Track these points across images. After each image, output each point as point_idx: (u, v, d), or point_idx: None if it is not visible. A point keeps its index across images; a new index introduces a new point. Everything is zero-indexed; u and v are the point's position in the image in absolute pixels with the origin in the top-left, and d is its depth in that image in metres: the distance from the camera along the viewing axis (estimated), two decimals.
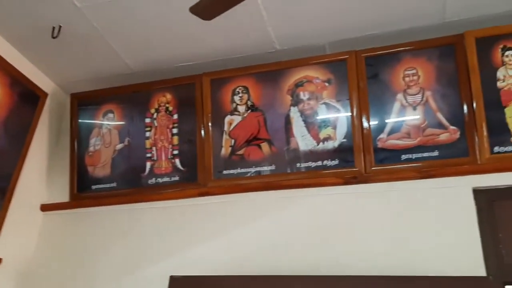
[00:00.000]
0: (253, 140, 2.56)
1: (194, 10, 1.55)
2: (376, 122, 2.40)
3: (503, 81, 2.25)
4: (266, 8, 2.38)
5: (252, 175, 2.53)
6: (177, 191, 2.63)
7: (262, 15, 2.42)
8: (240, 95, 2.64)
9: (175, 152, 2.69)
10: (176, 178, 2.66)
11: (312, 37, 2.59)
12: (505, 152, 2.19)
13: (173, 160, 2.69)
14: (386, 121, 2.38)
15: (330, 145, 2.44)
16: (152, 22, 2.50)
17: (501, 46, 2.28)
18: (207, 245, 2.53)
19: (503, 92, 2.24)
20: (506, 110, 2.22)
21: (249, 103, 2.62)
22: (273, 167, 2.50)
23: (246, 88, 2.65)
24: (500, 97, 2.24)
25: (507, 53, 2.27)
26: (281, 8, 2.40)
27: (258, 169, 2.53)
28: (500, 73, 2.26)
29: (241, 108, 2.63)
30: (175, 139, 2.71)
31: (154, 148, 2.73)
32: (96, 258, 2.69)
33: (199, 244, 2.54)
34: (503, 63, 2.27)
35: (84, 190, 2.82)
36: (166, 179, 2.67)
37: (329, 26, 2.50)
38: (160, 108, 2.77)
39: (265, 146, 2.54)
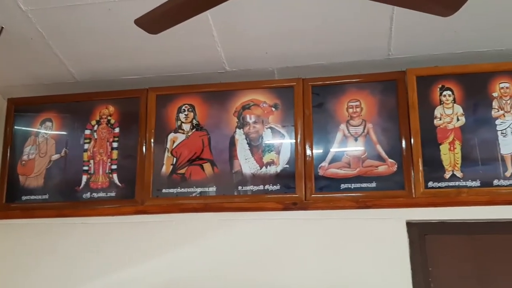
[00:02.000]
0: (196, 160, 2.52)
1: (139, 22, 1.52)
2: (318, 150, 2.43)
3: (440, 119, 2.35)
4: (218, 28, 2.38)
5: (193, 195, 2.48)
6: (112, 208, 2.54)
7: (213, 35, 2.42)
8: (186, 113, 2.61)
9: (114, 167, 2.60)
10: (113, 194, 2.56)
11: (262, 61, 2.60)
12: (439, 187, 2.27)
13: (110, 175, 2.59)
14: (328, 149, 2.42)
15: (273, 170, 2.44)
16: (101, 32, 2.43)
17: (440, 85, 2.39)
18: (140, 265, 2.45)
19: (439, 130, 2.34)
20: (441, 147, 2.31)
21: (194, 122, 2.59)
22: (214, 189, 2.47)
23: (192, 106, 2.61)
24: (436, 135, 2.33)
25: (444, 92, 2.38)
26: (232, 29, 2.40)
27: (199, 189, 2.48)
28: (437, 111, 2.36)
29: (186, 127, 2.59)
30: (115, 153, 2.62)
31: (91, 161, 2.63)
32: (22, 273, 2.54)
33: (132, 264, 2.46)
34: (441, 102, 2.37)
35: (14, 200, 2.67)
36: (102, 194, 2.57)
37: (279, 52, 2.52)
38: (102, 120, 2.69)
39: (207, 166, 2.51)
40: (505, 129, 2.28)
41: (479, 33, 2.32)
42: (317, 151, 2.43)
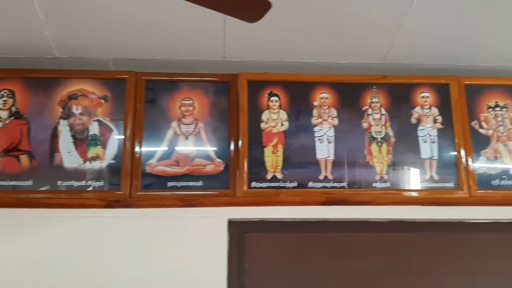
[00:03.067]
0: (12, 151, 2.30)
1: None
2: (147, 147, 2.38)
3: (266, 123, 2.46)
4: (44, 11, 2.19)
5: (6, 189, 2.26)
6: None
7: (39, 17, 2.22)
8: (4, 99, 2.37)
9: None
10: None
11: (96, 50, 2.47)
12: (261, 187, 2.37)
13: None
14: (158, 147, 2.39)
15: (98, 165, 2.33)
16: None
17: (268, 91, 2.50)
18: None
19: (265, 133, 2.45)
20: (265, 149, 2.42)
21: (13, 109, 2.36)
22: (30, 183, 2.28)
23: (12, 92, 2.38)
24: (262, 137, 2.44)
25: (272, 98, 2.50)
26: (62, 14, 2.23)
27: (13, 183, 2.27)
28: (264, 116, 2.47)
29: (3, 114, 2.35)
30: None
31: None
32: None
33: None
34: (268, 107, 2.49)
35: None
36: None
37: (113, 42, 2.42)
38: None
39: (24, 158, 2.30)
40: (322, 136, 2.47)
41: (307, 45, 2.47)
42: (146, 147, 2.38)
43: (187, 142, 2.41)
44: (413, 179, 2.44)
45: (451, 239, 2.42)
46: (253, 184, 2.37)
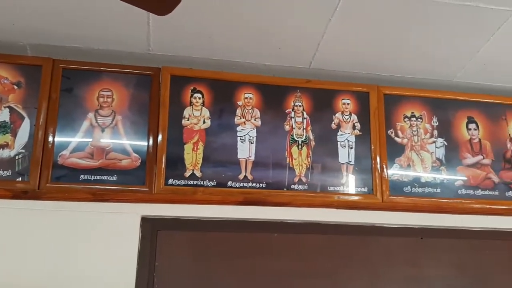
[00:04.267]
0: None
1: None
2: (61, 137, 2.29)
3: (188, 119, 2.43)
4: None
5: None
6: None
7: None
8: None
9: None
10: None
11: (11, 34, 2.35)
12: (178, 185, 2.34)
13: None
14: (72, 138, 2.30)
15: (6, 154, 2.22)
16: None
17: (192, 87, 2.48)
18: None
19: (186, 130, 2.42)
20: (185, 146, 2.39)
21: None
22: None
23: None
24: (182, 134, 2.41)
25: (195, 95, 2.47)
26: None
27: None
28: (186, 112, 2.44)
29: None
30: None
31: None
32: None
33: None
34: (191, 103, 2.46)
35: None
36: None
37: (30, 27, 2.30)
38: None
39: None
40: (244, 135, 2.47)
41: (234, 45, 2.45)
42: (60, 138, 2.28)
43: (103, 134, 2.34)
44: (330, 183, 2.50)
45: (362, 242, 2.49)
46: (170, 181, 2.33)
